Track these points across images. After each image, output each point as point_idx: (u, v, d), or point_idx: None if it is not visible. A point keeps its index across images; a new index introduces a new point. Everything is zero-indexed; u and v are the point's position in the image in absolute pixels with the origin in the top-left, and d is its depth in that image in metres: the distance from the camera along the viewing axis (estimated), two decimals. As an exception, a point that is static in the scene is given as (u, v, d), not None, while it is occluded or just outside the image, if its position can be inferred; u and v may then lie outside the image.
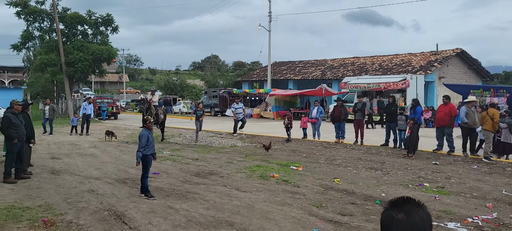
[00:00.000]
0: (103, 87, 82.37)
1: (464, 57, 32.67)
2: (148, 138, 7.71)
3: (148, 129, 7.94)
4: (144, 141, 7.65)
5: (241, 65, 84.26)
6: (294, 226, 6.22)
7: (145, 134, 7.75)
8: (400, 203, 1.66)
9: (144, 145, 7.63)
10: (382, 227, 1.67)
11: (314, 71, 38.18)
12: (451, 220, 6.50)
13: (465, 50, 32.39)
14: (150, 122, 8.26)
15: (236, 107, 20.14)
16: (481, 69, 33.75)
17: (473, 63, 33.21)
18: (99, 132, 21.26)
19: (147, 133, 7.77)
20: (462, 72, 32.62)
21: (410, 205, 1.65)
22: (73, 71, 32.38)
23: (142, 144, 7.64)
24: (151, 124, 8.22)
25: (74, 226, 6.10)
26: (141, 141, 7.67)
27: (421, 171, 10.49)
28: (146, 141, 7.65)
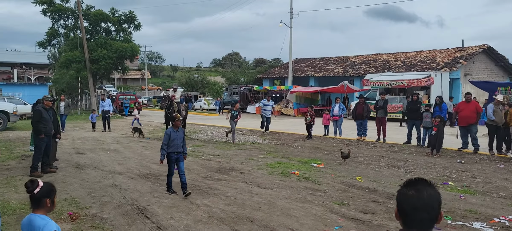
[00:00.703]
0: (126, 84, 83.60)
1: (491, 53, 31.86)
2: (169, 136, 7.60)
3: (175, 127, 7.74)
4: (166, 138, 7.60)
5: (261, 62, 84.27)
6: (315, 223, 6.18)
7: (168, 132, 7.68)
8: (413, 182, 1.90)
9: (166, 142, 7.57)
10: (397, 204, 1.92)
11: (335, 68, 37.87)
12: (476, 219, 6.35)
13: (492, 47, 31.58)
14: (179, 120, 7.92)
15: (265, 104, 19.53)
16: (508, 66, 32.83)
17: (501, 59, 32.34)
18: (122, 128, 21.60)
19: (170, 131, 7.66)
20: (489, 69, 31.83)
21: (421, 184, 1.88)
22: (97, 68, 32.96)
23: (164, 141, 7.62)
24: (179, 122, 7.87)
25: (98, 220, 6.21)
26: (164, 138, 7.67)
27: (445, 170, 10.29)
28: (168, 138, 7.57)
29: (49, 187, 3.19)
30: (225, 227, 5.95)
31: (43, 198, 3.12)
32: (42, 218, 3.10)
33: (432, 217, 1.85)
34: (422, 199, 1.84)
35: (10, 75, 57.54)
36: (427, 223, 1.86)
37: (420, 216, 1.84)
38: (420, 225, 1.85)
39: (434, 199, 1.86)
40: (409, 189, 1.89)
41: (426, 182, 1.91)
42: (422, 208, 1.84)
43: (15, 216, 6.29)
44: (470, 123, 12.75)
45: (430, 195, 1.86)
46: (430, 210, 1.85)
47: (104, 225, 5.99)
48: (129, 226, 5.96)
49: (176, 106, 16.92)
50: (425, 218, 1.85)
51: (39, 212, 3.14)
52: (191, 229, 5.81)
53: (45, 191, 3.13)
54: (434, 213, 1.86)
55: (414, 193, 1.86)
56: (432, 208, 1.85)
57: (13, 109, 19.85)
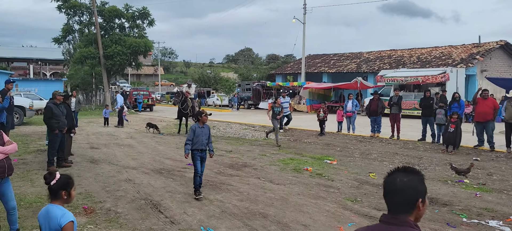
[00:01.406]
0: (139, 79, 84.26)
1: (508, 49, 31.29)
2: (194, 132, 7.15)
3: (201, 123, 7.26)
4: (191, 134, 7.17)
5: (274, 58, 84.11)
6: (328, 219, 6.15)
7: (193, 127, 7.24)
8: (395, 169, 2.07)
9: (190, 138, 7.14)
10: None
11: (349, 64, 37.61)
12: (493, 218, 6.26)
13: (509, 42, 30.98)
14: (206, 115, 7.34)
15: (282, 101, 17.76)
16: (526, 62, 32.20)
17: (518, 56, 31.74)
18: (135, 123, 21.77)
19: (196, 127, 7.22)
20: (506, 65, 31.27)
21: (400, 171, 2.04)
22: (111, 64, 33.24)
23: (189, 137, 7.21)
24: (206, 118, 7.34)
25: (112, 214, 6.27)
26: (189, 134, 7.30)
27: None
28: (193, 134, 7.13)
29: (66, 179, 3.25)
30: (238, 222, 5.96)
31: (59, 190, 3.20)
32: (59, 208, 3.18)
33: (403, 202, 1.97)
34: (394, 185, 2.00)
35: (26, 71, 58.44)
36: (400, 207, 1.98)
37: (392, 200, 2.01)
38: (393, 208, 2.00)
39: (408, 186, 1.97)
40: (389, 175, 2.06)
41: (408, 170, 2.04)
42: (394, 192, 2.00)
43: (31, 209, 6.39)
44: (488, 119, 12.52)
45: (404, 182, 1.98)
46: (400, 195, 1.97)
47: (118, 219, 6.05)
48: (143, 220, 6.01)
49: (190, 102, 16.98)
50: (398, 202, 1.99)
51: (56, 203, 3.23)
52: (204, 224, 5.84)
53: (61, 183, 3.21)
54: (405, 199, 1.97)
55: (389, 179, 2.04)
56: (403, 194, 1.97)
57: (29, 104, 20.14)
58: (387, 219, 2.00)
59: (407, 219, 1.96)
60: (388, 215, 2.01)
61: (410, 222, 1.96)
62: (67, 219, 3.11)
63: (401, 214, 1.97)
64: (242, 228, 5.75)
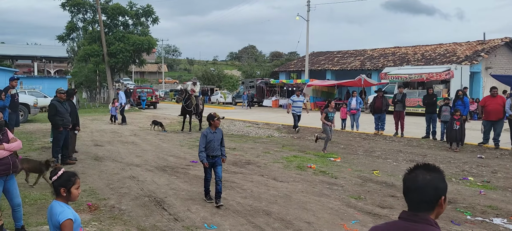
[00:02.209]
0: (143, 77, 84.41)
1: (513, 46, 31.09)
2: (206, 137, 6.57)
3: (213, 127, 6.68)
4: (203, 141, 6.57)
5: (278, 56, 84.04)
6: (331, 217, 6.15)
7: (204, 133, 6.65)
8: (416, 166, 2.05)
9: (203, 145, 6.55)
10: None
11: (353, 61, 37.50)
12: (497, 215, 6.24)
13: (514, 40, 30.80)
14: (218, 119, 6.75)
15: (295, 100, 17.34)
16: (531, 59, 32.01)
17: (523, 53, 31.54)
18: (139, 121, 21.81)
19: (207, 132, 6.63)
20: (511, 62, 31.09)
21: (421, 168, 2.01)
22: (115, 62, 33.32)
23: (201, 144, 6.58)
24: (218, 122, 6.77)
25: (116, 211, 6.29)
26: (200, 141, 6.65)
27: (465, 165, 10.11)
28: (205, 140, 6.57)
29: (67, 177, 3.27)
30: (241, 219, 5.97)
31: (59, 187, 3.23)
32: (60, 205, 3.22)
33: (424, 199, 1.95)
34: (416, 182, 1.98)
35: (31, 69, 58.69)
36: (422, 205, 1.96)
37: (412, 197, 1.99)
38: (413, 205, 1.99)
39: (430, 183, 1.95)
40: (409, 172, 2.05)
41: (429, 167, 2.01)
42: (415, 190, 1.98)
43: (36, 206, 6.42)
44: (500, 117, 12.41)
45: (426, 179, 1.96)
46: (420, 193, 1.96)
47: (122, 216, 6.07)
48: (147, 217, 6.03)
49: (194, 99, 16.99)
50: (417, 199, 1.97)
51: (58, 199, 3.26)
52: (208, 221, 5.85)
53: (61, 181, 3.24)
54: (425, 196, 1.95)
55: (410, 176, 2.02)
56: (426, 192, 1.95)
57: (34, 102, 20.23)
58: (407, 216, 1.99)
59: (427, 217, 1.94)
60: (408, 212, 1.99)
61: (430, 220, 1.94)
62: (65, 217, 3.13)
63: (422, 212, 1.96)
64: (245, 225, 5.76)
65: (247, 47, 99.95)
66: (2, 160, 4.99)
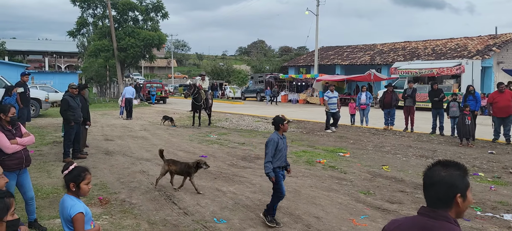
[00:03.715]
0: (152, 72, 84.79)
1: (525, 41, 30.65)
2: (277, 144, 5.56)
3: (282, 131, 5.71)
4: (272, 147, 5.51)
5: (287, 50, 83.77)
6: (340, 212, 6.16)
7: (274, 139, 5.57)
8: (436, 162, 2.04)
9: (272, 153, 5.51)
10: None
11: (362, 56, 37.30)
12: (507, 211, 6.20)
13: (527, 34, 30.37)
14: (287, 123, 5.75)
15: (330, 97, 15.59)
16: (544, 53, 31.54)
17: (536, 47, 31.09)
18: (149, 115, 21.95)
19: (277, 138, 5.61)
20: (523, 57, 30.67)
21: (439, 165, 2.00)
22: (125, 57, 33.51)
23: (270, 152, 5.51)
24: (287, 126, 5.77)
25: (127, 205, 6.37)
26: (268, 149, 5.52)
27: (475, 160, 10.04)
28: (275, 147, 5.53)
29: (77, 172, 3.32)
30: (250, 214, 6.01)
31: (68, 182, 3.28)
32: (71, 199, 3.27)
33: (438, 196, 1.95)
34: (431, 178, 1.98)
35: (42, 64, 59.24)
36: (437, 202, 1.95)
37: (428, 194, 2.00)
38: (430, 202, 1.99)
39: (445, 180, 1.93)
40: (428, 168, 2.04)
41: (448, 164, 1.99)
42: (430, 186, 1.98)
43: (48, 200, 6.52)
44: (510, 113, 12.27)
45: (441, 176, 1.95)
46: (434, 189, 1.96)
47: (133, 210, 6.14)
48: (157, 211, 6.09)
49: (203, 94, 17.04)
50: (433, 196, 1.97)
51: (70, 193, 3.31)
52: (217, 215, 5.89)
53: (71, 176, 3.30)
54: (439, 193, 1.94)
55: (428, 172, 2.02)
56: (440, 188, 1.94)
57: (45, 97, 20.45)
58: (425, 211, 1.98)
59: (446, 213, 1.92)
60: (427, 208, 1.99)
61: (448, 217, 1.91)
62: (76, 211, 3.19)
63: (439, 209, 1.94)
64: (255, 219, 5.79)
65: (256, 42, 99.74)
66: (15, 154, 5.08)
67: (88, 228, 3.29)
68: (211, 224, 5.57)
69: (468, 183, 1.97)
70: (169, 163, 7.30)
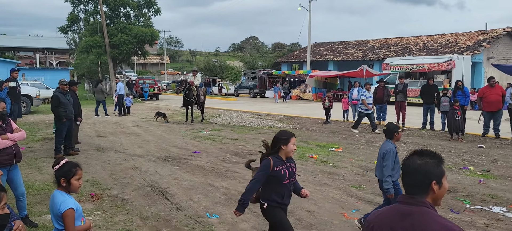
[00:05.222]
0: (145, 68, 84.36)
1: (515, 36, 30.95)
2: (396, 155, 5.08)
3: (396, 140, 5.21)
4: (392, 161, 5.00)
5: (280, 47, 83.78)
6: (332, 206, 6.21)
7: (393, 149, 5.07)
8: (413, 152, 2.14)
9: (391, 166, 5.00)
10: None
11: (355, 52, 37.41)
12: (496, 204, 6.29)
13: (517, 29, 30.64)
14: (402, 131, 5.35)
15: (367, 96, 14.45)
16: (533, 49, 31.87)
17: (526, 42, 31.41)
18: (141, 112, 21.89)
19: (395, 149, 5.14)
20: (513, 52, 30.97)
21: (417, 154, 2.10)
22: (117, 53, 33.31)
23: (389, 165, 5.00)
24: (399, 135, 5.25)
25: (119, 200, 6.37)
26: (388, 161, 5.00)
27: (465, 154, 10.15)
28: (394, 160, 5.03)
29: (68, 167, 3.31)
30: (243, 208, 6.03)
31: (59, 177, 3.27)
32: (62, 194, 3.27)
33: (415, 183, 2.05)
34: (409, 167, 2.08)
35: (33, 60, 58.76)
36: (414, 189, 2.05)
37: (406, 181, 2.10)
38: (409, 189, 2.09)
39: (421, 168, 2.04)
40: (406, 158, 2.14)
41: (423, 153, 2.10)
42: (408, 174, 2.09)
43: (39, 196, 6.50)
44: (500, 107, 12.41)
45: (417, 164, 2.05)
46: (412, 177, 2.06)
47: (125, 205, 6.15)
48: (150, 206, 6.10)
49: (194, 90, 17.02)
50: (410, 183, 2.07)
51: (60, 189, 3.30)
52: (210, 210, 5.92)
53: (62, 171, 3.29)
54: (416, 180, 2.04)
55: (406, 162, 2.12)
56: (416, 176, 2.04)
57: (36, 93, 20.31)
58: (404, 199, 2.08)
59: (423, 199, 2.01)
60: (406, 195, 2.09)
61: (425, 203, 2.00)
62: (66, 206, 3.18)
63: (417, 195, 2.03)
64: (247, 214, 5.81)
65: (249, 38, 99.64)
66: (6, 149, 5.06)
67: (78, 224, 3.28)
68: (204, 219, 5.59)
69: (443, 171, 2.06)
70: None
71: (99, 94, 19.80)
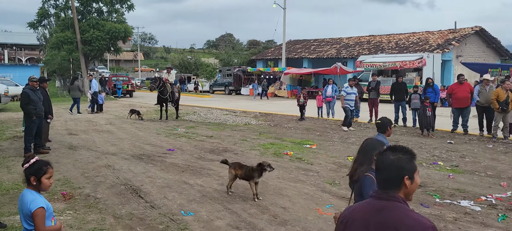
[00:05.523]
0: (118, 65, 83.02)
1: (483, 35, 31.96)
2: None
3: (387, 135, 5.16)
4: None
5: (255, 44, 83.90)
6: (307, 202, 6.28)
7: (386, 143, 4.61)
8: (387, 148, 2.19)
9: None
10: None
11: (329, 49, 37.82)
12: (464, 198, 6.49)
13: (484, 28, 31.64)
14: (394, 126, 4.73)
15: (349, 92, 14.41)
16: (500, 48, 33.00)
17: (492, 41, 32.48)
18: (115, 109, 21.55)
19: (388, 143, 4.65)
20: (480, 50, 31.96)
21: (389, 150, 2.15)
22: (89, 50, 32.62)
23: None
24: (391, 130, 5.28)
25: (92, 199, 6.26)
26: None
27: (435, 150, 10.43)
28: None
29: (38, 166, 3.23)
30: (218, 206, 6.04)
31: (29, 175, 3.20)
32: (32, 193, 3.19)
33: (388, 179, 2.09)
34: (382, 162, 2.13)
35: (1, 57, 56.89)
36: (387, 184, 2.10)
37: (380, 176, 2.16)
38: (382, 184, 2.14)
39: (394, 163, 2.09)
40: (380, 154, 2.18)
41: (396, 149, 2.15)
42: (381, 169, 2.14)
43: (8, 196, 6.33)
44: (468, 104, 12.80)
45: (390, 159, 2.11)
46: (385, 172, 2.11)
47: (97, 204, 6.05)
48: (123, 205, 6.03)
49: (169, 87, 16.86)
50: (384, 178, 2.12)
51: (30, 188, 3.22)
52: (185, 208, 5.89)
53: (32, 169, 3.20)
54: (389, 175, 2.09)
55: (379, 157, 2.17)
56: (389, 171, 2.09)
57: (4, 90, 19.73)
58: (377, 194, 2.12)
59: (396, 194, 2.06)
60: (379, 190, 2.13)
61: (398, 198, 2.05)
62: (37, 205, 3.11)
63: (389, 190, 2.08)
64: (222, 211, 5.83)
65: (224, 35, 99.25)
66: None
67: (49, 224, 3.21)
68: (178, 217, 5.56)
69: (415, 166, 2.11)
70: (236, 167, 6.59)
71: (75, 92, 19.33)
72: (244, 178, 6.49)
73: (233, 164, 6.69)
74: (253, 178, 6.33)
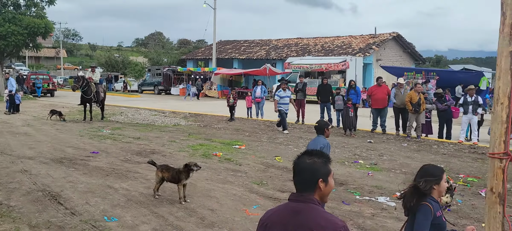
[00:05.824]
0: (39, 62, 77.78)
1: (399, 41, 34.28)
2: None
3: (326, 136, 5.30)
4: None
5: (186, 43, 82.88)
6: (234, 203, 6.35)
7: (328, 143, 5.32)
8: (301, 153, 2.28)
9: None
10: None
11: (259, 51, 38.40)
12: (381, 194, 6.93)
13: (400, 34, 33.96)
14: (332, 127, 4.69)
15: (282, 96, 14.42)
16: (414, 52, 35.65)
17: (408, 46, 34.98)
18: (33, 110, 20.22)
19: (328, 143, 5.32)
20: (397, 55, 34.27)
21: (304, 155, 2.24)
22: (4, 45, 30.25)
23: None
24: (329, 131, 5.50)
25: (4, 208, 5.84)
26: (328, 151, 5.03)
27: (357, 149, 11.01)
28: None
29: None
30: (144, 210, 5.91)
31: None
32: None
33: (303, 181, 2.18)
34: (298, 166, 2.21)
35: None
36: (303, 186, 2.18)
37: (296, 180, 2.22)
38: (298, 187, 2.21)
39: (309, 167, 2.18)
40: (297, 158, 2.27)
41: (312, 153, 2.25)
42: (297, 172, 2.21)
43: None
44: (385, 105, 13.68)
45: (306, 163, 2.19)
46: (301, 175, 2.19)
47: (11, 213, 5.65)
48: (40, 213, 5.69)
49: (94, 87, 16.14)
50: (299, 181, 2.20)
51: None
52: (108, 214, 5.70)
53: None
54: (304, 178, 2.18)
55: (296, 161, 2.25)
56: (305, 174, 2.18)
57: None
58: (294, 197, 2.19)
59: (311, 197, 2.13)
60: (296, 193, 2.20)
61: (313, 200, 2.13)
62: None
63: (305, 192, 2.15)
64: (148, 215, 5.71)
65: (154, 34, 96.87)
66: None
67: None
68: (101, 223, 5.37)
69: (329, 170, 2.22)
70: (163, 169, 6.43)
71: None
72: (171, 180, 6.38)
73: (161, 166, 6.59)
74: (180, 180, 6.23)
